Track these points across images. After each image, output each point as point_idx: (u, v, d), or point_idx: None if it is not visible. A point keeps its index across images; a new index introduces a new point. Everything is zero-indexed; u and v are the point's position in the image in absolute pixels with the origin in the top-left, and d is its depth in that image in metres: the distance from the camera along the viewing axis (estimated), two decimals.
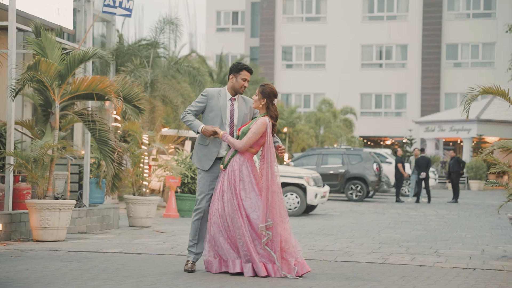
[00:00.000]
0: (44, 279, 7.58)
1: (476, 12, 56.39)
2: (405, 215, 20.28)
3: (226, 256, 8.03)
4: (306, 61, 58.18)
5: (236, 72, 8.44)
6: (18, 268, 8.32)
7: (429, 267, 9.27)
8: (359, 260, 9.75)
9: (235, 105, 8.45)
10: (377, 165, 28.00)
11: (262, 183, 8.15)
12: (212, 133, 8.28)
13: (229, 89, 8.49)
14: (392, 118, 57.22)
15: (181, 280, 7.66)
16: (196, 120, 8.41)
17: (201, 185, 8.45)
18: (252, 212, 8.07)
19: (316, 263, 9.36)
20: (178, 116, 20.54)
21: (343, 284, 7.65)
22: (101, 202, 16.21)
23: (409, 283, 7.82)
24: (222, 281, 7.65)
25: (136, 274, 8.03)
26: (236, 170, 8.17)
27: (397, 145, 57.90)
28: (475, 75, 55.64)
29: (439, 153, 51.57)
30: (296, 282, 7.72)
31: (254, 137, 8.17)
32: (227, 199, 8.11)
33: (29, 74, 11.78)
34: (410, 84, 56.56)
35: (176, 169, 16.13)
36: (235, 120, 8.40)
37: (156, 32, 21.07)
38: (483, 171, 44.04)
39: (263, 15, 58.93)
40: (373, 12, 57.47)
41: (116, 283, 7.39)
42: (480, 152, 43.96)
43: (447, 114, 50.48)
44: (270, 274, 7.93)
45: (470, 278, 8.40)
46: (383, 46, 57.28)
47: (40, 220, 11.52)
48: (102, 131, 12.95)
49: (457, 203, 27.17)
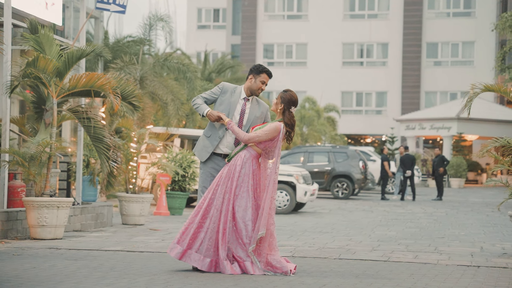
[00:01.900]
0: (55, 277, 7.51)
1: (456, 11, 56.72)
2: (393, 212, 20.36)
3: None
4: (287, 59, 58.20)
5: (257, 73, 8.43)
6: (24, 267, 8.24)
7: (433, 264, 9.30)
8: (363, 258, 9.77)
9: (247, 106, 8.41)
10: (363, 163, 28.10)
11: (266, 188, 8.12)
12: (216, 118, 8.24)
13: (246, 88, 8.46)
14: (372, 116, 57.42)
15: (193, 279, 7.62)
16: (203, 104, 8.38)
17: (202, 180, 8.44)
18: (239, 211, 8.04)
19: (321, 261, 9.37)
20: (167, 113, 20.45)
21: (355, 282, 7.65)
22: (94, 200, 16.11)
23: (420, 281, 7.84)
24: (235, 278, 7.63)
25: (145, 272, 7.98)
26: (238, 166, 8.14)
27: (376, 144, 58.09)
28: (455, 73, 56.01)
29: (419, 151, 51.83)
30: (308, 280, 7.71)
31: (263, 136, 8.13)
32: (220, 192, 8.05)
33: (27, 71, 11.67)
34: (390, 82, 56.79)
35: (169, 167, 16.05)
36: (244, 121, 8.36)
37: (145, 29, 20.94)
38: (463, 169, 44.33)
39: (244, 13, 58.88)
40: (354, 10, 57.61)
41: (129, 282, 7.34)
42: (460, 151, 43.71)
43: (428, 112, 50.73)
44: (248, 272, 7.90)
45: (478, 275, 8.44)
46: (364, 44, 57.45)
47: (37, 218, 11.42)
48: (97, 128, 12.87)
49: (441, 201, 27.33)
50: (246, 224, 8.02)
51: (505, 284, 7.86)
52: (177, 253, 7.97)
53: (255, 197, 8.13)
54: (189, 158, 18.29)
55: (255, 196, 8.14)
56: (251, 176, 8.14)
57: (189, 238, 7.98)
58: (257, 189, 8.17)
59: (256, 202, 8.12)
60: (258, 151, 8.25)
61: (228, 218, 7.97)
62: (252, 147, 8.23)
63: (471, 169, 49.11)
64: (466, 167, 45.00)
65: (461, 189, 41.59)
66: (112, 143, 13.18)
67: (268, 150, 8.26)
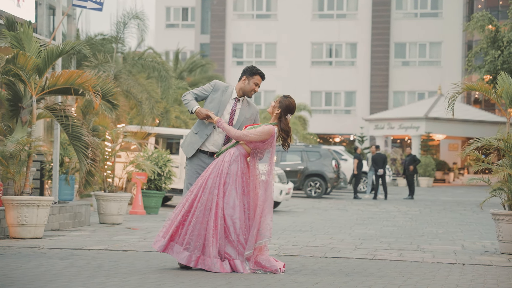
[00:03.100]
0: (44, 276, 7.41)
1: (424, 11, 57.20)
2: (368, 211, 20.45)
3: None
4: (256, 58, 58.21)
5: (250, 75, 8.41)
6: (10, 266, 8.12)
7: (419, 262, 9.34)
8: (348, 256, 9.78)
9: (238, 106, 8.40)
10: (336, 162, 28.20)
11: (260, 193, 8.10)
12: (205, 116, 8.21)
13: (238, 89, 8.44)
14: (341, 115, 57.68)
15: (184, 277, 7.57)
16: (193, 101, 8.36)
17: (188, 177, 8.43)
18: (227, 208, 8.00)
19: (307, 259, 9.37)
20: (142, 112, 20.32)
21: (346, 280, 7.66)
22: (70, 199, 15.95)
23: (410, 279, 7.87)
24: (227, 277, 7.59)
25: (134, 271, 7.90)
26: (226, 163, 8.10)
27: (345, 143, 58.34)
28: (423, 73, 56.49)
29: (388, 150, 52.16)
30: (300, 278, 7.70)
31: (254, 136, 8.10)
32: (207, 187, 8.00)
33: (5, 68, 11.51)
34: (359, 82, 57.09)
35: (148, 165, 15.95)
36: (234, 121, 8.34)
37: (119, 27, 20.78)
38: (432, 168, 44.72)
39: (213, 12, 58.77)
40: (323, 10, 57.81)
41: (120, 280, 7.27)
42: (428, 150, 44.15)
43: (396, 112, 51.09)
44: (238, 270, 7.87)
45: (465, 273, 8.49)
46: (333, 44, 57.68)
47: (17, 217, 11.27)
48: (75, 126, 12.73)
49: (413, 200, 27.52)
50: (234, 222, 7.98)
51: (494, 282, 7.92)
52: (160, 246, 7.96)
53: (243, 195, 8.10)
54: (165, 157, 18.19)
55: (243, 195, 8.10)
56: (239, 174, 8.11)
57: (171, 231, 7.95)
58: (244, 188, 8.13)
59: (243, 201, 8.08)
60: (248, 150, 8.22)
61: (219, 215, 7.92)
62: (242, 145, 8.20)
63: (438, 168, 49.57)
64: (435, 166, 45.40)
65: (430, 188, 41.95)
66: (90, 142, 13.06)
67: (258, 151, 8.24)
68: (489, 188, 10.96)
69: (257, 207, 8.02)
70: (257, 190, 8.15)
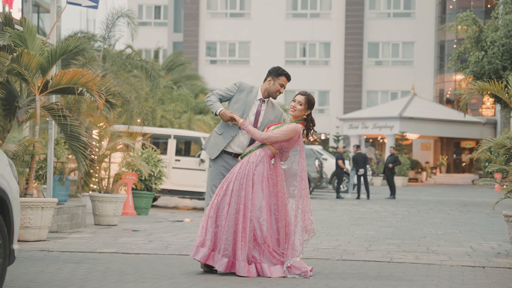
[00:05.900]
0: (72, 281, 7.23)
1: (397, 11, 57.52)
2: (356, 211, 20.41)
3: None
4: (230, 57, 58.07)
5: (276, 76, 8.31)
6: (32, 270, 7.92)
7: (439, 265, 9.28)
8: (365, 259, 9.68)
9: (263, 107, 8.29)
10: (319, 162, 28.16)
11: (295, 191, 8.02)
12: (229, 118, 8.09)
13: (263, 90, 8.33)
14: (315, 115, 56.61)
15: (214, 282, 7.42)
16: (217, 102, 8.23)
17: (211, 178, 8.28)
18: (254, 210, 7.89)
19: (326, 262, 9.27)
20: (129, 111, 20.07)
21: (379, 285, 7.56)
22: (65, 200, 15.68)
23: (442, 284, 7.78)
24: (257, 282, 7.46)
25: (160, 276, 7.74)
26: (253, 163, 7.98)
27: (317, 142, 58.42)
28: (396, 73, 56.80)
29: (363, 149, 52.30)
30: (332, 283, 7.60)
31: (280, 136, 8.00)
32: (235, 189, 7.87)
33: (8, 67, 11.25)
34: (333, 82, 57.21)
35: (144, 166, 15.75)
36: (258, 122, 8.23)
37: (107, 25, 20.51)
38: (406, 168, 44.98)
39: (186, 10, 58.47)
40: (297, 9, 57.85)
41: (152, 285, 7.11)
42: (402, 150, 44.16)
43: (370, 111, 51.31)
44: (265, 274, 7.76)
45: (491, 277, 8.44)
46: (307, 43, 57.74)
47: (21, 219, 11.02)
48: (73, 126, 12.51)
49: (395, 199, 27.58)
50: (261, 224, 7.87)
51: None
52: (202, 256, 7.75)
53: (269, 197, 7.99)
54: (155, 157, 17.98)
55: (269, 196, 7.99)
56: (265, 175, 8.00)
57: (211, 240, 7.78)
58: (271, 189, 8.01)
59: (269, 203, 7.98)
60: (273, 150, 8.11)
61: (248, 217, 7.80)
62: (267, 146, 8.09)
63: (411, 167, 49.88)
64: (409, 166, 45.67)
65: (404, 187, 42.16)
66: (88, 142, 12.84)
67: (283, 150, 8.14)
68: (467, 188, 10.93)
69: (297, 208, 7.95)
70: (284, 190, 8.06)
